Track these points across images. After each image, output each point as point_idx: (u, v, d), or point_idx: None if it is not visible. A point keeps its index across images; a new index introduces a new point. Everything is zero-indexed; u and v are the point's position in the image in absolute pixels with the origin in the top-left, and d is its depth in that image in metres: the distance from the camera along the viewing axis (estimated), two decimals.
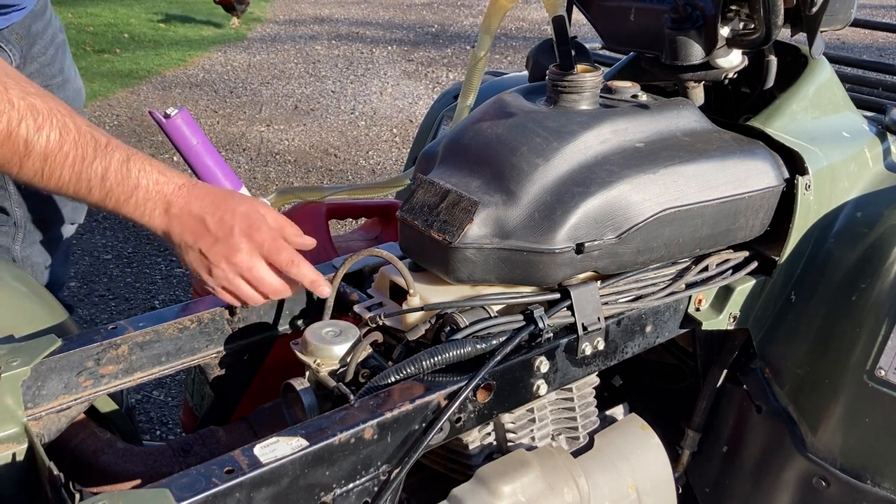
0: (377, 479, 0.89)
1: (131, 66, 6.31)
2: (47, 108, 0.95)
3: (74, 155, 0.95)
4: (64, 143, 0.95)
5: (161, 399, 2.63)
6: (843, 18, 1.17)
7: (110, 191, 0.97)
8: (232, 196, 1.02)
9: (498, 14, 1.49)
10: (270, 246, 1.00)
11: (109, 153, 0.97)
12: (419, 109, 5.34)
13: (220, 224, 0.98)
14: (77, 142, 0.95)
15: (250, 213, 1.00)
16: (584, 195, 1.01)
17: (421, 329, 1.00)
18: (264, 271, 1.00)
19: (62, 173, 0.95)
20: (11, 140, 0.93)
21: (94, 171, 0.96)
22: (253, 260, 0.99)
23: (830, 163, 1.20)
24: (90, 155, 0.96)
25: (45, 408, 0.96)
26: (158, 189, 0.98)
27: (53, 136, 0.94)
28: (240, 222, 0.99)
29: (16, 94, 0.93)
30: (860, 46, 6.97)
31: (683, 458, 1.37)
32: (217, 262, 0.99)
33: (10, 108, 0.92)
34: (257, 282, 1.01)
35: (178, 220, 0.98)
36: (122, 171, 0.97)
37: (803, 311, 1.21)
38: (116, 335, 1.01)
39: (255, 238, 0.99)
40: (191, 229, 0.98)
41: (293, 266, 1.01)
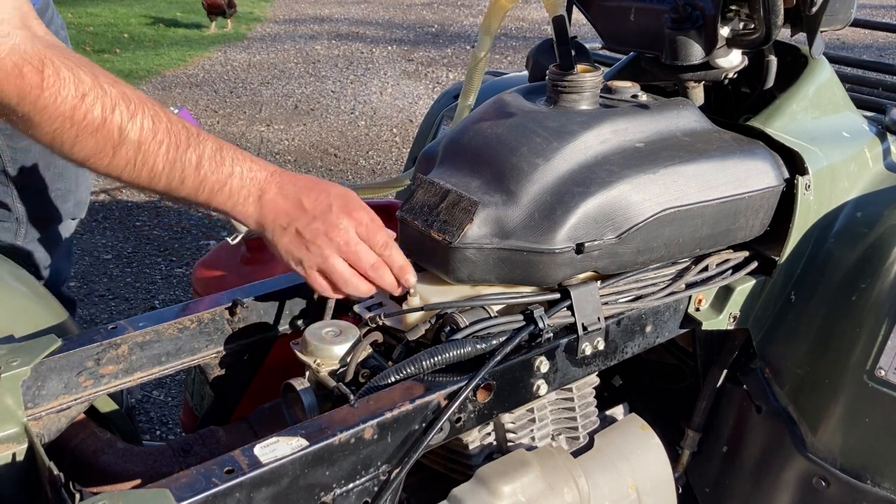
0: (377, 479, 0.89)
1: (131, 66, 6.31)
2: (136, 95, 0.92)
3: (168, 143, 0.92)
4: (158, 131, 0.91)
5: (161, 399, 2.63)
6: (843, 18, 1.17)
7: (204, 179, 0.94)
8: (324, 180, 1.01)
9: (498, 14, 1.49)
10: (369, 224, 0.99)
11: (202, 141, 0.94)
12: (419, 109, 5.34)
13: (316, 202, 0.97)
14: (170, 129, 0.92)
15: (346, 193, 0.99)
16: (584, 195, 1.01)
17: (421, 329, 1.00)
18: (362, 247, 0.98)
19: (156, 162, 0.91)
20: (106, 127, 0.88)
21: (189, 159, 0.93)
22: (351, 234, 0.98)
23: (830, 163, 1.20)
24: (184, 143, 0.93)
25: (45, 408, 0.96)
26: (252, 176, 0.96)
27: (147, 123, 0.91)
28: (336, 200, 0.97)
29: (106, 81, 0.90)
30: (860, 46, 6.97)
31: (683, 458, 1.37)
32: (314, 237, 0.97)
33: (104, 95, 0.88)
34: (355, 257, 0.98)
35: (272, 205, 0.97)
36: (217, 159, 0.94)
37: (803, 311, 1.21)
38: (116, 335, 1.01)
39: (353, 215, 0.98)
40: (285, 212, 0.97)
41: (387, 248, 1.00)
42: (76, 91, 0.87)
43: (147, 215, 3.82)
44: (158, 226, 3.73)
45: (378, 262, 0.99)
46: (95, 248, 3.58)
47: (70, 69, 0.87)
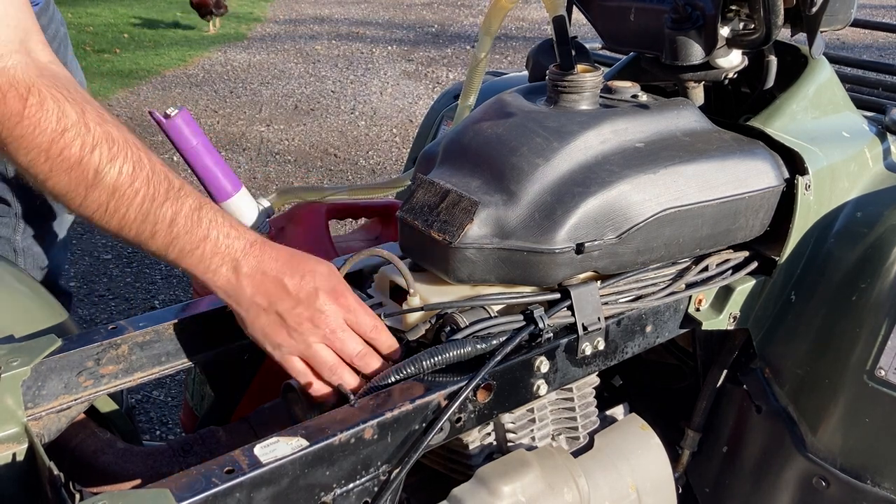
0: (377, 479, 0.89)
1: (131, 66, 6.32)
2: (123, 138, 0.87)
3: (145, 193, 0.87)
4: (136, 179, 0.86)
5: (161, 399, 2.63)
6: (843, 18, 1.17)
7: (176, 238, 0.88)
8: (307, 256, 0.95)
9: (498, 15, 1.49)
10: (357, 309, 0.94)
11: (182, 197, 0.89)
12: (419, 109, 5.34)
13: (301, 284, 0.91)
14: (150, 179, 0.87)
15: (331, 274, 0.94)
16: (585, 195, 1.01)
17: (421, 329, 1.00)
18: (349, 335, 0.94)
19: (128, 211, 0.87)
20: (81, 167, 0.84)
21: (163, 214, 0.87)
22: (339, 321, 0.93)
23: (830, 163, 1.20)
24: (161, 195, 0.87)
25: (46, 408, 0.96)
26: (229, 244, 0.90)
27: (126, 168, 0.86)
28: (322, 283, 0.92)
29: (92, 119, 0.86)
30: (860, 46, 6.97)
31: (683, 458, 1.37)
32: (298, 324, 0.91)
33: (86, 133, 0.84)
34: (341, 345, 0.93)
35: (249, 280, 0.91)
36: (193, 219, 0.89)
37: (803, 311, 1.21)
38: (116, 335, 1.01)
39: (340, 301, 0.93)
40: (265, 291, 0.91)
41: (376, 331, 0.95)
42: (57, 125, 0.83)
43: None
44: None
45: (365, 349, 0.95)
46: (95, 248, 3.58)
47: (57, 101, 0.84)
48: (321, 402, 0.96)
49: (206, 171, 1.34)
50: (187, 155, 1.32)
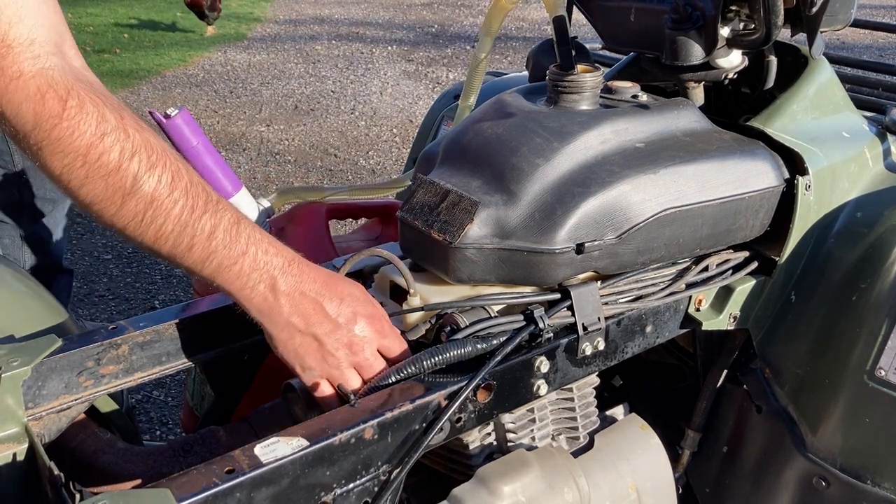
0: (377, 479, 0.89)
1: (131, 66, 6.32)
2: (161, 147, 0.84)
3: (184, 203, 0.84)
4: (175, 189, 0.83)
5: (161, 399, 2.63)
6: (843, 19, 1.17)
7: (214, 252, 0.86)
8: (341, 278, 0.95)
9: (499, 15, 1.49)
10: (390, 334, 0.95)
11: (220, 210, 0.86)
12: (419, 109, 5.34)
13: (340, 309, 0.90)
14: (188, 190, 0.84)
15: (366, 298, 0.94)
16: (585, 195, 1.01)
17: (421, 329, 1.00)
18: (378, 361, 0.94)
19: (165, 222, 0.83)
20: (119, 174, 0.81)
21: (202, 227, 0.85)
22: (373, 347, 0.93)
23: (831, 163, 1.20)
24: (200, 207, 0.84)
25: (46, 408, 0.96)
26: (268, 260, 0.88)
27: (166, 178, 0.83)
28: (361, 308, 0.92)
29: (131, 126, 0.83)
30: (860, 46, 6.97)
31: (683, 458, 1.37)
32: (335, 349, 0.91)
33: (125, 139, 0.81)
34: (370, 371, 0.94)
35: (288, 300, 0.89)
36: (232, 233, 0.86)
37: (803, 311, 1.21)
38: (117, 335, 1.01)
39: (376, 326, 0.93)
40: (303, 312, 0.89)
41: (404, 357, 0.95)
42: (96, 129, 0.80)
43: None
44: None
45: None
46: (95, 248, 3.58)
47: (96, 105, 0.81)
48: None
49: (206, 172, 1.34)
50: (188, 155, 1.32)
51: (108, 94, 0.85)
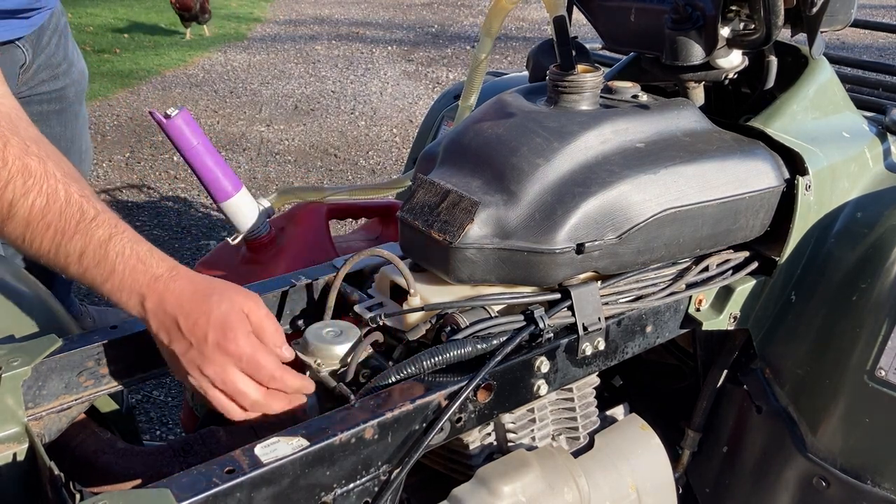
0: (378, 479, 0.89)
1: (131, 66, 6.31)
2: (42, 171, 0.90)
3: (56, 226, 0.89)
4: (48, 212, 0.89)
5: (161, 399, 2.63)
6: (843, 19, 1.17)
7: (86, 270, 0.91)
8: (211, 294, 0.92)
9: (499, 16, 1.49)
10: (249, 360, 0.91)
11: (93, 229, 0.90)
12: (419, 109, 5.34)
13: (193, 329, 0.90)
14: (63, 212, 0.89)
15: (228, 317, 0.90)
16: (585, 195, 1.01)
17: (421, 329, 1.00)
18: (242, 384, 0.91)
19: (42, 243, 0.90)
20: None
21: (73, 248, 0.90)
22: (227, 372, 0.91)
23: (831, 163, 1.20)
24: (71, 229, 0.89)
25: (46, 408, 0.96)
26: (134, 279, 0.91)
27: (39, 202, 0.89)
28: (214, 330, 0.89)
29: (12, 153, 0.89)
30: (860, 46, 6.97)
31: (684, 458, 1.37)
32: (191, 368, 0.91)
33: (1, 167, 0.88)
34: (234, 394, 0.92)
35: (153, 316, 0.91)
36: (100, 253, 0.90)
37: (803, 311, 1.21)
38: (117, 335, 1.01)
39: (230, 350, 0.90)
40: (165, 328, 0.91)
41: (274, 382, 0.92)
42: None
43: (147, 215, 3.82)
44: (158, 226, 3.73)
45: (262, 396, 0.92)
46: None
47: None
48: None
49: (206, 171, 1.34)
50: (188, 155, 1.32)
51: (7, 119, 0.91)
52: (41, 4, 1.61)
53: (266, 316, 0.95)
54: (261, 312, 0.94)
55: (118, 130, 4.94)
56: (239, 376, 0.91)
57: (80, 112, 1.96)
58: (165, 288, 0.91)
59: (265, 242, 1.49)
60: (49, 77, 1.79)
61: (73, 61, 1.87)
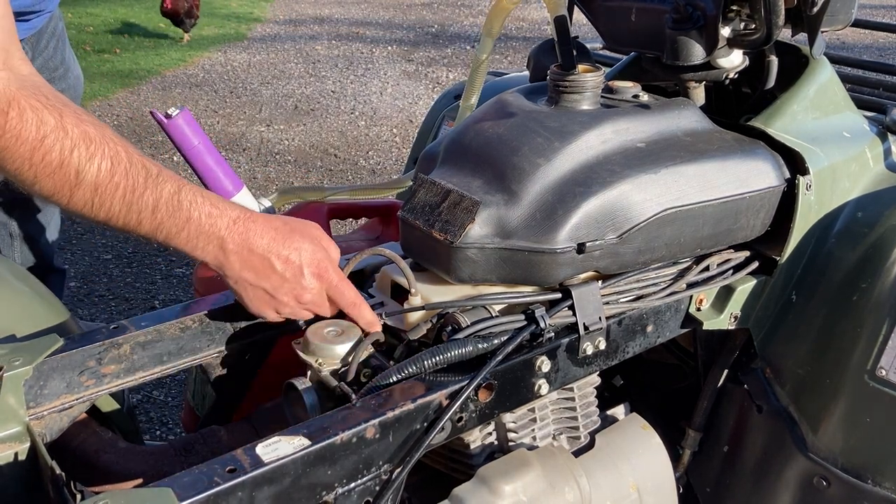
0: (379, 479, 0.89)
1: (131, 66, 6.32)
2: (100, 135, 0.92)
3: (125, 185, 0.92)
4: (115, 173, 0.91)
5: (161, 399, 2.63)
6: (843, 19, 1.17)
7: (161, 223, 0.94)
8: (293, 229, 0.99)
9: (500, 16, 1.49)
10: (338, 285, 1.00)
11: (161, 183, 0.93)
12: (419, 109, 5.34)
13: (287, 264, 0.97)
14: (128, 171, 0.92)
15: (315, 249, 0.99)
16: (586, 195, 1.01)
17: (422, 328, 1.00)
18: (327, 308, 1.01)
19: (112, 204, 0.92)
20: (63, 169, 0.89)
21: (145, 203, 0.93)
22: (321, 298, 1.00)
23: (831, 163, 1.20)
24: (141, 185, 0.92)
25: (47, 407, 0.96)
26: (211, 223, 0.95)
27: (105, 165, 0.91)
28: (308, 261, 0.98)
29: (70, 122, 0.91)
30: (860, 46, 6.97)
31: (684, 457, 1.37)
32: (287, 301, 0.98)
33: (64, 136, 0.89)
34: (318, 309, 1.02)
35: (236, 257, 0.96)
36: (174, 203, 0.93)
37: (804, 310, 1.21)
38: (118, 335, 1.01)
39: (324, 277, 0.99)
40: (252, 267, 0.96)
41: (355, 308, 1.01)
42: (37, 133, 0.88)
43: None
44: None
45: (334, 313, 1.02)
46: (95, 249, 3.58)
47: (35, 111, 0.88)
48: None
49: (207, 171, 1.34)
50: (188, 155, 1.32)
51: (52, 94, 0.93)
52: (41, 7, 1.61)
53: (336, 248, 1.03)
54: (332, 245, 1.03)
55: (118, 130, 4.93)
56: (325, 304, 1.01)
57: None
58: (246, 228, 0.96)
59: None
60: (46, 80, 1.79)
61: (69, 66, 1.87)
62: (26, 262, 1.93)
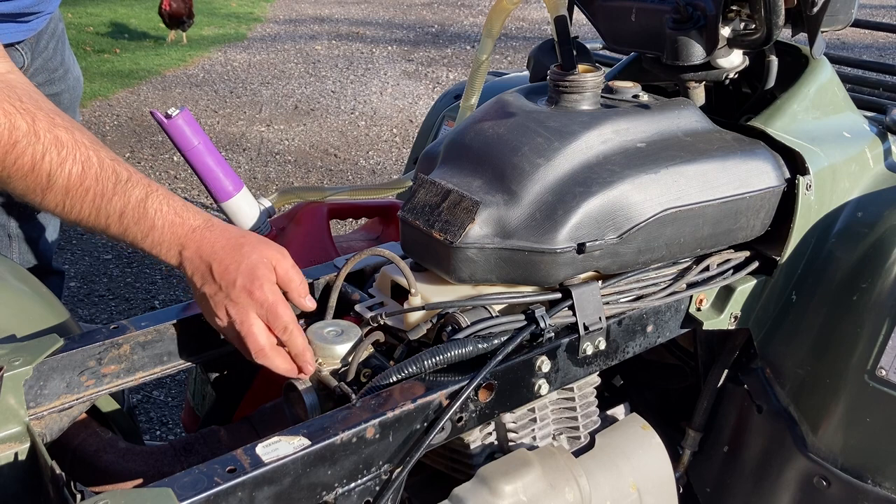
0: (379, 479, 0.89)
1: (131, 66, 6.32)
2: (72, 140, 0.95)
3: (95, 190, 0.95)
4: (85, 178, 0.94)
5: (161, 399, 2.63)
6: (843, 19, 1.17)
7: (127, 228, 0.97)
8: (243, 245, 0.99)
9: (500, 16, 1.49)
10: (270, 307, 0.97)
11: (129, 190, 0.96)
12: (419, 109, 5.34)
13: (223, 273, 0.97)
14: (98, 176, 0.95)
15: (256, 266, 0.97)
16: (586, 195, 1.01)
17: (422, 328, 1.00)
18: (256, 328, 0.97)
19: (82, 208, 0.95)
20: (35, 173, 0.92)
21: (113, 208, 0.96)
22: (247, 315, 0.97)
23: (831, 163, 1.20)
24: (109, 191, 0.95)
25: (47, 407, 0.96)
26: (173, 231, 0.98)
27: (76, 169, 0.94)
28: (242, 276, 0.97)
29: (42, 127, 0.93)
30: (860, 46, 6.97)
31: (684, 457, 1.37)
32: (217, 309, 0.98)
33: (36, 141, 0.92)
34: (246, 336, 0.98)
35: (189, 263, 0.98)
36: (139, 210, 0.96)
37: (804, 311, 1.21)
38: (118, 335, 1.01)
39: (255, 295, 0.97)
40: (199, 272, 0.98)
41: (286, 333, 0.98)
42: (8, 138, 0.91)
43: None
44: None
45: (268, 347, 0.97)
46: (95, 248, 3.58)
47: (7, 115, 0.91)
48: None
49: (207, 171, 1.34)
50: (189, 155, 1.32)
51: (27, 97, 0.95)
52: (41, 9, 1.61)
53: (292, 267, 1.01)
54: (287, 263, 1.01)
55: (118, 130, 4.95)
56: (256, 321, 0.97)
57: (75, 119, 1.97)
58: (202, 237, 0.99)
59: None
60: (45, 81, 1.79)
61: (69, 67, 1.87)
62: (25, 263, 1.93)
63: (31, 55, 1.69)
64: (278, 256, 1.00)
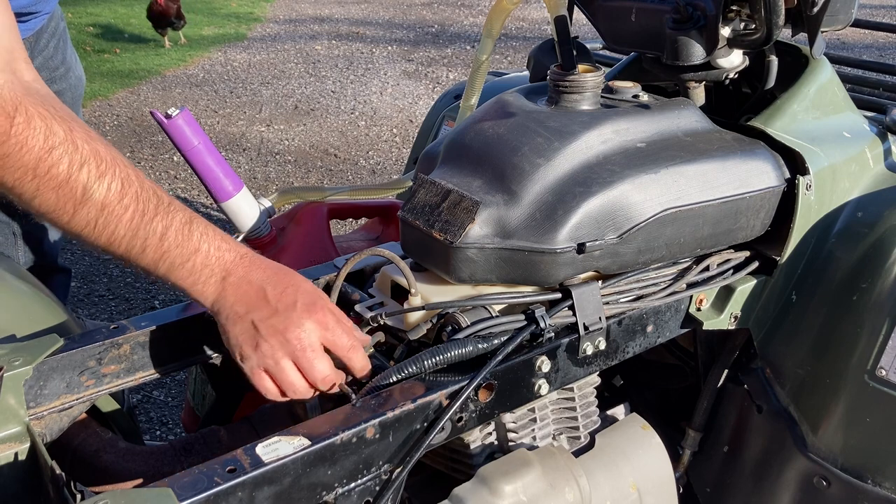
0: (379, 479, 0.89)
1: (131, 66, 6.31)
2: (111, 156, 0.88)
3: (135, 209, 0.87)
4: (125, 195, 0.87)
5: (161, 399, 2.63)
6: (843, 19, 1.17)
7: (167, 252, 0.89)
8: (290, 272, 0.95)
9: (500, 17, 1.49)
10: (333, 328, 0.92)
11: (172, 212, 0.90)
12: (419, 109, 5.34)
13: (282, 295, 0.91)
14: (139, 195, 0.88)
15: (314, 291, 0.94)
16: (586, 195, 1.01)
17: (422, 328, 1.00)
18: (319, 356, 0.91)
19: (117, 227, 0.87)
20: (69, 184, 0.84)
21: (153, 229, 0.88)
22: (312, 339, 0.91)
23: (831, 163, 1.20)
24: (151, 211, 0.88)
25: (47, 407, 0.96)
26: (220, 256, 0.91)
27: (115, 185, 0.86)
28: (303, 297, 0.92)
29: (80, 137, 0.86)
30: (860, 46, 6.97)
31: (684, 457, 1.37)
32: (269, 335, 0.90)
33: (74, 150, 0.85)
34: (308, 366, 0.91)
35: (233, 289, 0.91)
36: (184, 233, 0.90)
37: (804, 311, 1.21)
38: (118, 335, 1.01)
39: (317, 316, 0.91)
40: (246, 298, 0.91)
41: (352, 352, 0.94)
42: (44, 143, 0.83)
43: None
44: None
45: (332, 375, 0.93)
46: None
47: (44, 119, 0.84)
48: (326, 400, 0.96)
49: (207, 171, 1.34)
50: (189, 155, 1.32)
51: (59, 105, 0.88)
52: (38, 9, 1.61)
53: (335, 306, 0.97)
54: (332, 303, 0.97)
55: (118, 130, 4.94)
56: (318, 350, 0.91)
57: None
58: (251, 263, 0.93)
59: (266, 242, 1.49)
60: (46, 79, 1.79)
61: (70, 66, 1.87)
62: (29, 261, 1.93)
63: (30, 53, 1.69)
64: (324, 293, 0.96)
